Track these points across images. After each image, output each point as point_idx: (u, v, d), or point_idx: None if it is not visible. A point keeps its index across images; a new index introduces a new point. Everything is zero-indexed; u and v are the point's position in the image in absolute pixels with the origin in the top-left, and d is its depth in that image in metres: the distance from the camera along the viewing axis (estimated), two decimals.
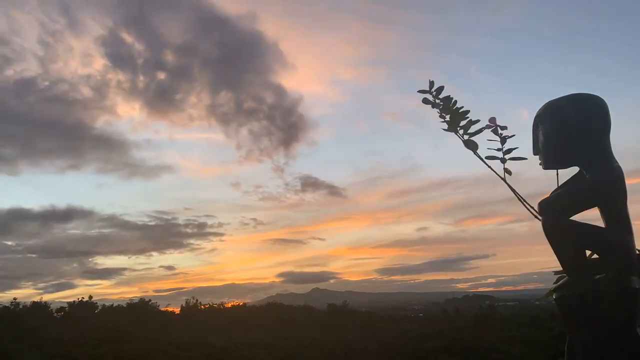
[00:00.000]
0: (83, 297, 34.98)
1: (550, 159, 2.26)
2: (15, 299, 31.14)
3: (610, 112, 2.21)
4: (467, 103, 2.41)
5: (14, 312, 27.50)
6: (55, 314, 32.41)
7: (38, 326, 22.96)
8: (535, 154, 2.32)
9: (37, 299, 32.41)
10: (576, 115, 2.17)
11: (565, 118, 2.18)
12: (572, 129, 2.17)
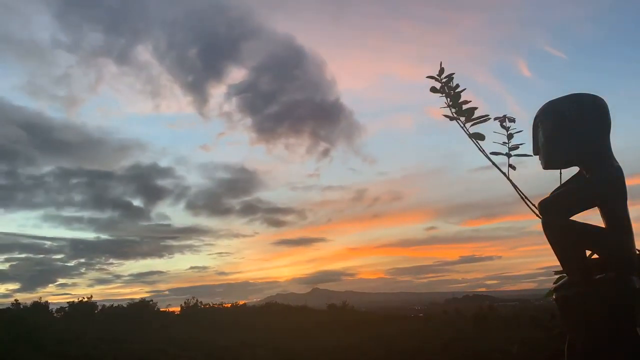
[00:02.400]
0: (83, 298, 34.95)
1: (550, 159, 2.26)
2: (16, 300, 31.22)
3: (610, 112, 2.22)
4: (518, 103, 2.32)
5: (14, 312, 27.52)
6: (55, 314, 32.44)
7: (38, 326, 22.95)
8: (535, 154, 2.32)
9: (37, 299, 32.45)
10: (576, 116, 2.18)
11: (566, 118, 2.19)
12: (572, 129, 2.17)
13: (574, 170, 2.28)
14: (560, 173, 2.30)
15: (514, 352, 19.63)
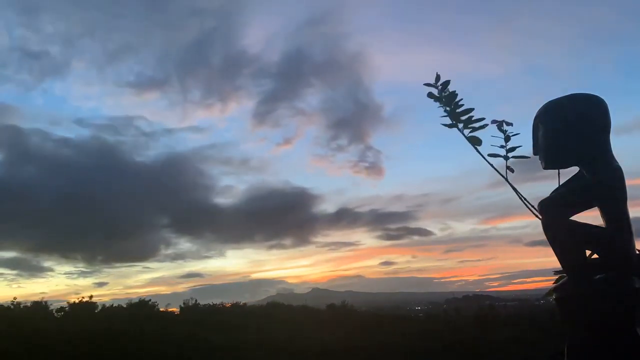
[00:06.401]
0: (83, 297, 34.99)
1: (550, 159, 2.25)
2: (15, 298, 31.21)
3: (609, 112, 2.21)
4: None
5: (14, 312, 27.53)
6: (55, 314, 32.45)
7: (38, 326, 22.96)
8: (535, 154, 2.32)
9: (38, 298, 32.48)
10: (576, 115, 2.17)
11: (565, 118, 2.18)
12: (571, 129, 2.17)
13: (574, 170, 2.27)
14: (559, 173, 2.29)
15: (514, 352, 19.63)
